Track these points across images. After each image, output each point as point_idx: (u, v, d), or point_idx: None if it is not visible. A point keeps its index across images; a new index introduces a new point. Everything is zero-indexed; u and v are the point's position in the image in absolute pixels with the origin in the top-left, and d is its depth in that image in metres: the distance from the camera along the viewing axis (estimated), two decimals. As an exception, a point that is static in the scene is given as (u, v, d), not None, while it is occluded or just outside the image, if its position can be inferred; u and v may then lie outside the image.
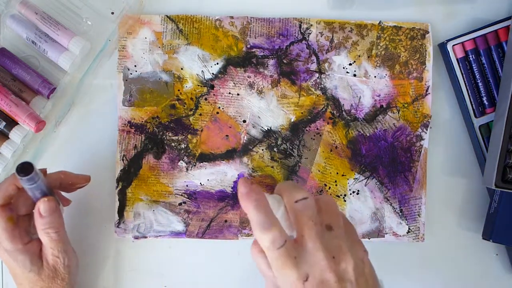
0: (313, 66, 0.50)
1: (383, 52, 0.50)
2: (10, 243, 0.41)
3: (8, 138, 0.46)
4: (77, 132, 0.50)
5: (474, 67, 0.50)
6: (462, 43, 0.50)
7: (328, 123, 0.50)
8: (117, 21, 0.48)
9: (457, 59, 0.50)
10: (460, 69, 0.50)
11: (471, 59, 0.50)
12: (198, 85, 0.50)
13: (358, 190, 0.50)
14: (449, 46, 0.50)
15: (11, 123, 0.46)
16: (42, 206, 0.40)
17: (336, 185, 0.50)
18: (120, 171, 0.49)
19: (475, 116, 0.50)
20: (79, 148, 0.50)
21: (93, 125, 0.50)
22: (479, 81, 0.50)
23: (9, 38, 0.48)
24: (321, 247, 0.32)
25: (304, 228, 0.32)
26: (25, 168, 0.38)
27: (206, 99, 0.50)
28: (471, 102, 0.50)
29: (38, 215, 0.41)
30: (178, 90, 0.50)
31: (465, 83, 0.50)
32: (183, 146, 0.49)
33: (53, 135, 0.49)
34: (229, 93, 0.50)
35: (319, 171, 0.50)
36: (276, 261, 0.32)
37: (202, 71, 0.50)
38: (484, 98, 0.50)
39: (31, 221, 0.43)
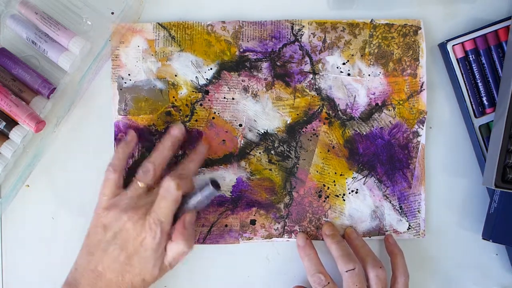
0: (307, 67, 0.50)
1: (376, 50, 0.50)
2: (188, 245, 0.43)
3: (8, 138, 0.46)
4: (77, 132, 0.50)
5: (474, 67, 0.50)
6: (462, 43, 0.50)
7: (324, 124, 0.50)
8: (116, 21, 0.48)
9: (457, 59, 0.50)
10: (460, 69, 0.50)
11: (471, 59, 0.50)
12: (193, 91, 0.50)
13: (357, 189, 0.50)
14: (449, 46, 0.50)
15: (11, 123, 0.46)
16: (188, 218, 0.43)
17: (334, 185, 0.50)
18: None
19: (475, 116, 0.50)
20: (79, 148, 0.50)
21: (93, 125, 0.50)
22: (479, 81, 0.50)
23: (9, 38, 0.48)
24: None
25: None
26: (216, 184, 0.44)
27: (201, 104, 0.50)
28: (471, 102, 0.50)
29: (183, 226, 0.42)
30: (173, 97, 0.50)
31: (465, 83, 0.50)
32: (180, 152, 0.49)
33: (53, 135, 0.49)
34: (224, 97, 0.50)
35: (317, 171, 0.50)
36: None
37: (196, 77, 0.50)
38: (484, 98, 0.50)
39: None
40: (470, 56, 0.50)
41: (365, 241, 0.49)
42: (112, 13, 0.49)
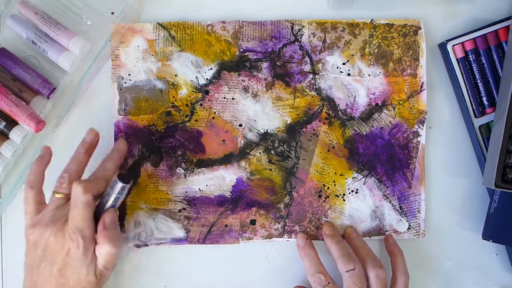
0: (307, 67, 0.50)
1: (376, 50, 0.51)
2: (114, 245, 0.41)
3: (8, 138, 0.46)
4: (77, 132, 0.50)
5: (474, 67, 0.50)
6: (462, 43, 0.50)
7: (324, 124, 0.50)
8: (116, 21, 0.48)
9: (457, 59, 0.50)
10: (460, 69, 0.50)
11: (471, 59, 0.50)
12: (193, 91, 0.50)
13: (357, 189, 0.50)
14: (449, 46, 0.50)
15: (11, 123, 0.46)
16: (108, 218, 0.42)
17: (334, 185, 0.50)
18: None
19: (475, 116, 0.50)
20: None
21: (93, 125, 0.50)
22: (479, 81, 0.50)
23: (9, 38, 0.48)
24: None
25: None
26: (126, 177, 0.42)
27: (201, 104, 0.50)
28: (471, 102, 0.50)
29: (103, 227, 0.41)
30: (173, 97, 0.50)
31: (465, 83, 0.50)
32: (180, 152, 0.50)
33: (53, 135, 0.49)
34: (224, 97, 0.50)
35: (317, 171, 0.50)
36: None
37: (196, 77, 0.50)
38: (484, 98, 0.50)
39: None
40: (470, 56, 0.50)
41: (365, 241, 0.49)
42: (112, 13, 0.49)
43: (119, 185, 0.42)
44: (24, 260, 0.43)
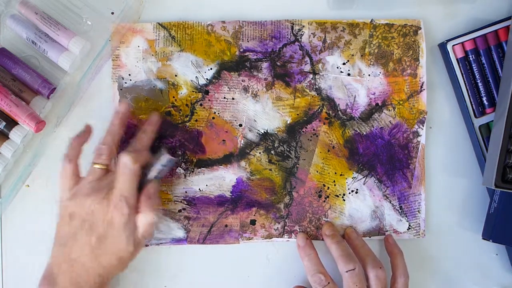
0: (307, 67, 0.50)
1: (376, 50, 0.51)
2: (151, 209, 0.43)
3: (8, 138, 0.46)
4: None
5: (474, 67, 0.50)
6: (462, 43, 0.50)
7: (324, 124, 0.50)
8: (117, 21, 0.48)
9: (457, 59, 0.50)
10: (460, 69, 0.50)
11: (471, 59, 0.50)
12: (193, 91, 0.50)
13: (357, 189, 0.50)
14: (449, 46, 0.50)
15: (11, 123, 0.46)
16: (152, 188, 0.43)
17: (334, 185, 0.50)
18: None
19: (475, 116, 0.50)
20: (79, 148, 0.50)
21: (93, 125, 0.50)
22: (479, 81, 0.50)
23: (9, 38, 0.48)
24: None
25: None
26: (171, 151, 0.45)
27: (201, 104, 0.50)
28: (471, 102, 0.50)
29: (148, 197, 0.43)
30: (173, 97, 0.50)
31: (465, 83, 0.50)
32: (180, 152, 0.49)
33: (53, 135, 0.49)
34: (224, 97, 0.50)
35: (317, 171, 0.50)
36: None
37: (196, 77, 0.50)
38: (484, 98, 0.50)
39: None
40: (470, 56, 0.50)
41: (365, 241, 0.49)
42: (112, 13, 0.49)
43: (167, 157, 0.44)
44: (55, 233, 0.43)
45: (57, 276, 0.42)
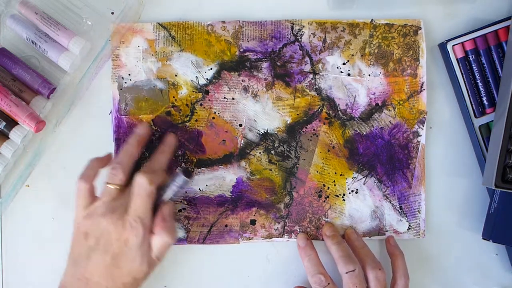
0: (307, 67, 0.50)
1: (376, 50, 0.51)
2: (172, 237, 0.43)
3: (8, 138, 0.46)
4: (77, 132, 0.50)
5: (474, 67, 0.50)
6: (462, 43, 0.50)
7: (324, 124, 0.50)
8: (116, 21, 0.48)
9: (457, 59, 0.50)
10: (460, 69, 0.50)
11: (471, 59, 0.50)
12: (193, 91, 0.50)
13: (357, 189, 0.50)
14: (449, 46, 0.50)
15: (11, 123, 0.46)
16: (167, 210, 0.43)
17: (334, 185, 0.50)
18: None
19: (475, 116, 0.50)
20: (79, 148, 0.50)
21: (93, 125, 0.50)
22: (479, 81, 0.50)
23: (9, 38, 0.48)
24: None
25: None
26: (187, 172, 0.44)
27: (201, 104, 0.50)
28: (471, 102, 0.50)
29: (162, 218, 0.43)
30: (173, 97, 0.50)
31: (465, 83, 0.50)
32: (180, 152, 0.49)
33: (53, 135, 0.49)
34: (224, 97, 0.50)
35: (317, 171, 0.50)
36: None
37: (196, 77, 0.50)
38: (484, 98, 0.50)
39: None
40: (470, 56, 0.50)
41: (365, 242, 0.49)
42: (112, 13, 0.49)
43: (182, 178, 0.44)
44: (70, 252, 0.43)
45: None
